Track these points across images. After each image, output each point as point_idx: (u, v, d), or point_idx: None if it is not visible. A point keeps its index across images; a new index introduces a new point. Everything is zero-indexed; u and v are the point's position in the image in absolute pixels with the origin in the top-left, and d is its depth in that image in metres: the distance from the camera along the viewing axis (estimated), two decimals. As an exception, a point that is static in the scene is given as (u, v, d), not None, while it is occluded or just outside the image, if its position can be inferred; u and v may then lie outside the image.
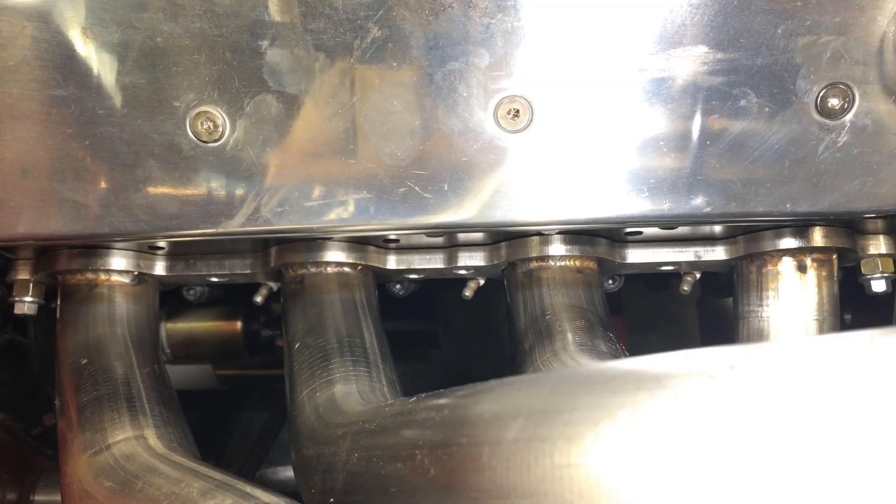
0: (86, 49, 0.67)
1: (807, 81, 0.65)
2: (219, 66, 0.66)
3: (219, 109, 0.67)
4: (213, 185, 0.69)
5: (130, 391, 0.73)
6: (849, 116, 0.65)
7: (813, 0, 0.63)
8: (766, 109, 0.66)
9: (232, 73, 0.66)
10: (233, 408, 1.68)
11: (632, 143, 0.67)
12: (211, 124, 0.67)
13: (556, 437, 0.35)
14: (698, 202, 0.68)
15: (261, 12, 0.64)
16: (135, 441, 0.67)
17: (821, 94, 0.65)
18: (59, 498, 1.18)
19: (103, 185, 0.69)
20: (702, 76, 0.65)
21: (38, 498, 1.19)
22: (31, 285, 0.90)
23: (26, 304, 0.91)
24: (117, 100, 0.67)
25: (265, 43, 0.65)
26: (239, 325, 1.31)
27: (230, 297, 1.28)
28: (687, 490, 0.31)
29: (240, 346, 1.31)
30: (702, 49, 0.64)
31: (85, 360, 0.77)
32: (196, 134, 0.67)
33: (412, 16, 0.64)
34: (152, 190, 0.69)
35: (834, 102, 0.65)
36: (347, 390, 0.69)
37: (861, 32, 0.64)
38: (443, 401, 0.47)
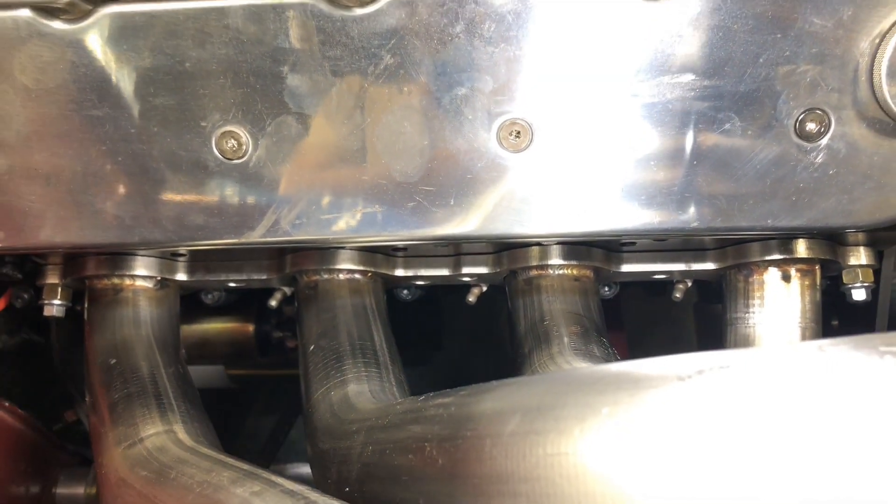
0: (120, 73, 0.72)
1: (786, 106, 0.70)
2: (243, 90, 0.71)
3: (242, 129, 0.72)
4: (237, 199, 0.74)
5: (158, 389, 0.79)
6: (825, 139, 0.71)
7: (792, 32, 0.68)
8: (749, 132, 0.71)
9: (255, 96, 0.71)
10: (240, 407, 1.73)
11: (625, 162, 0.72)
12: (235, 143, 0.72)
13: (548, 430, 0.40)
14: (687, 217, 0.73)
15: (282, 40, 0.70)
16: (165, 435, 0.72)
17: (799, 118, 0.70)
18: (79, 491, 1.24)
19: (135, 197, 0.75)
20: (689, 101, 0.70)
21: (59, 491, 1.24)
22: (60, 289, 0.96)
23: (55, 307, 0.97)
24: (148, 119, 0.73)
25: (286, 68, 0.71)
26: (251, 327, 1.36)
27: (242, 300, 1.34)
28: (657, 472, 0.36)
29: (252, 347, 1.36)
30: (689, 76, 0.70)
31: (114, 360, 0.82)
32: (221, 152, 0.73)
33: (422, 45, 0.70)
34: (180, 202, 0.75)
35: (812, 126, 0.70)
36: (360, 389, 0.74)
37: (836, 62, 0.69)
38: (449, 399, 0.52)
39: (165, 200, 0.75)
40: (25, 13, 0.72)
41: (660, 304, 1.55)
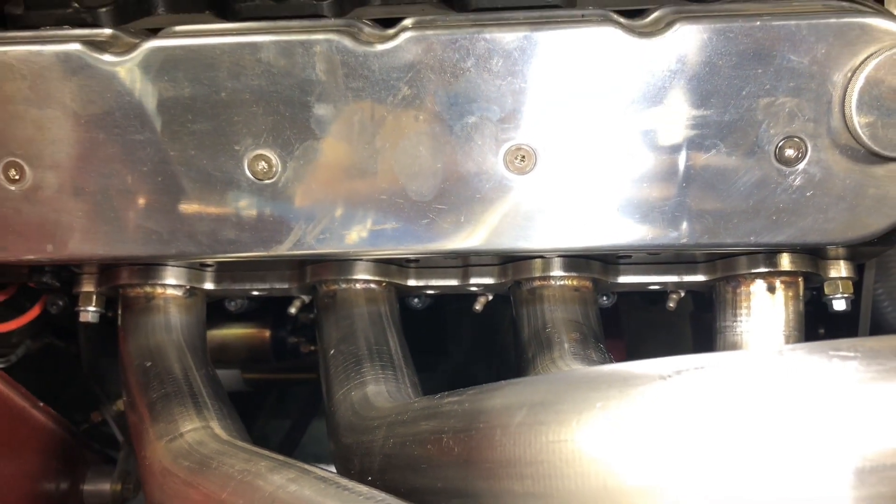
0: (160, 101, 0.79)
1: (767, 134, 0.77)
2: (273, 117, 0.78)
3: (272, 153, 0.79)
4: (266, 216, 0.81)
5: (192, 389, 0.86)
6: (802, 164, 0.78)
7: (771, 68, 0.75)
8: (733, 157, 0.78)
9: (284, 123, 0.79)
10: (253, 409, 1.80)
11: (620, 183, 0.79)
12: (265, 165, 0.80)
13: (550, 421, 0.47)
14: (677, 233, 0.80)
15: (310, 73, 0.77)
16: (203, 430, 0.79)
17: (779, 145, 0.77)
18: (105, 487, 1.31)
19: (172, 214, 0.82)
20: (679, 129, 0.77)
21: (86, 487, 1.31)
22: (95, 296, 1.03)
23: (90, 314, 1.04)
24: (186, 143, 0.80)
25: (313, 98, 0.78)
26: (268, 333, 1.43)
27: (259, 308, 1.41)
28: (641, 455, 0.43)
29: (268, 351, 1.43)
30: (679, 107, 0.77)
31: (149, 363, 0.89)
32: (253, 173, 0.80)
33: (436, 77, 0.77)
34: (214, 218, 0.82)
35: (790, 152, 0.77)
36: (378, 390, 0.81)
37: (812, 95, 0.76)
38: (462, 397, 0.59)
39: (201, 217, 0.82)
40: (76, 47, 0.79)
41: (657, 313, 1.62)
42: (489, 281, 0.99)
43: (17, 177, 0.82)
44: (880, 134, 0.75)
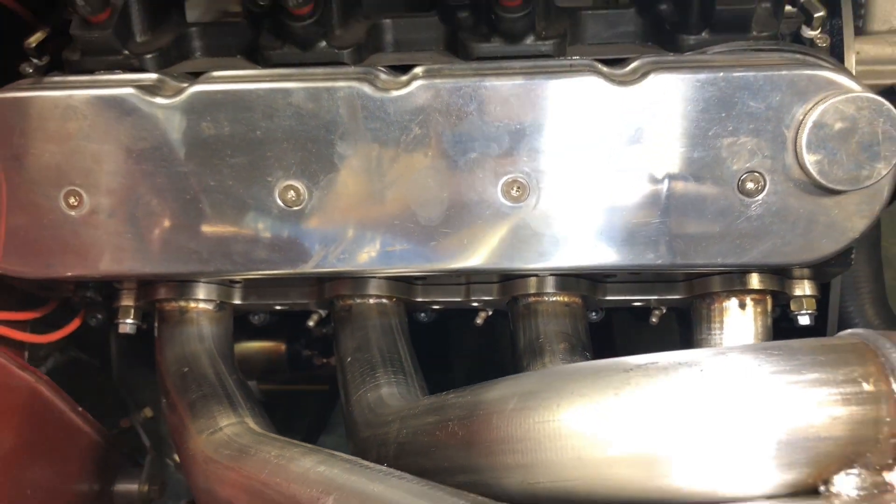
0: (203, 138, 0.91)
1: (730, 170, 0.88)
2: (301, 153, 0.90)
3: (300, 183, 0.91)
4: (294, 238, 0.93)
5: (226, 391, 0.97)
6: (762, 196, 0.89)
7: (734, 112, 0.87)
8: (702, 190, 0.89)
9: (311, 158, 0.90)
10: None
11: (604, 212, 0.91)
12: (294, 194, 0.91)
13: (537, 406, 0.59)
14: (653, 255, 0.92)
15: (334, 115, 0.89)
16: (239, 425, 0.90)
17: (741, 179, 0.89)
18: (134, 487, 1.41)
19: (211, 236, 0.93)
20: (654, 165, 0.89)
21: (116, 489, 1.41)
22: (133, 310, 1.14)
23: (128, 326, 1.15)
24: (225, 175, 0.92)
25: (336, 136, 0.90)
26: (284, 346, 1.54)
27: (275, 323, 1.52)
28: (607, 429, 0.54)
29: (283, 363, 1.54)
30: (654, 146, 0.88)
31: (186, 369, 1.01)
32: (283, 201, 0.92)
33: (443, 119, 0.89)
34: (248, 240, 0.93)
35: (751, 185, 0.89)
36: (391, 392, 0.92)
37: (769, 136, 0.87)
38: (464, 391, 0.70)
39: (236, 238, 0.93)
40: (130, 91, 0.91)
41: (647, 327, 1.72)
42: (489, 297, 1.10)
43: (76, 203, 0.94)
44: (827, 170, 0.86)
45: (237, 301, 1.13)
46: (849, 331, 0.60)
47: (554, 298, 1.06)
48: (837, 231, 0.89)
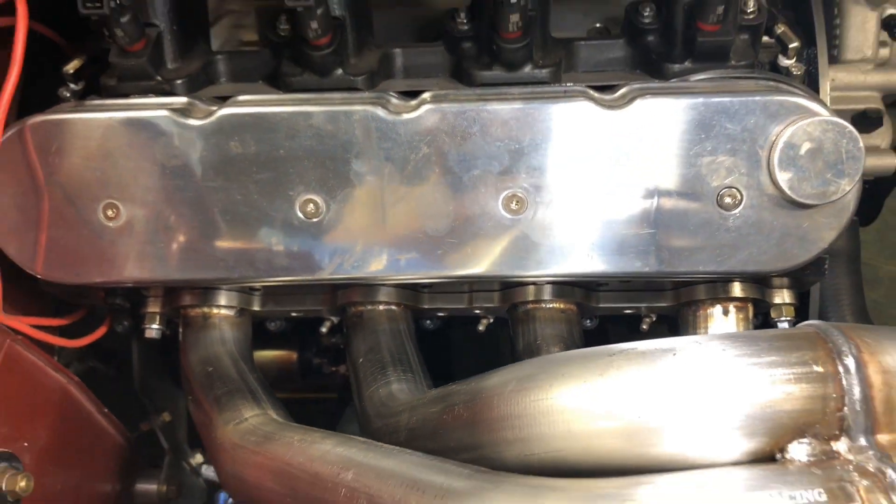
0: (230, 156, 1.00)
1: (710, 186, 0.97)
2: (320, 170, 0.99)
3: (319, 197, 1.00)
4: (312, 248, 1.01)
5: (249, 387, 1.05)
6: (739, 210, 0.98)
7: (713, 133, 0.96)
8: (684, 204, 0.98)
9: (329, 174, 0.99)
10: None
11: (596, 224, 0.99)
12: (313, 207, 1.00)
13: (532, 387, 0.67)
14: (640, 264, 1.00)
15: (350, 136, 0.98)
16: (263, 416, 0.98)
17: (719, 194, 0.97)
18: (153, 487, 1.49)
19: (237, 245, 1.02)
20: (641, 181, 0.98)
21: (136, 488, 1.49)
22: (158, 316, 1.23)
23: (154, 331, 1.23)
24: (250, 189, 1.01)
25: (352, 155, 0.99)
26: (295, 355, 1.62)
27: (286, 333, 1.60)
28: (591, 403, 0.62)
29: (295, 371, 1.62)
30: (640, 164, 0.97)
31: (211, 368, 1.09)
32: (303, 213, 1.01)
33: (449, 139, 0.98)
34: (270, 249, 1.02)
35: (729, 200, 0.98)
36: (401, 388, 1.00)
37: (745, 155, 0.96)
38: (468, 380, 0.79)
39: (260, 248, 1.02)
40: (165, 114, 1.01)
41: (640, 335, 1.80)
42: (490, 304, 1.18)
43: (113, 215, 1.02)
44: (797, 186, 0.95)
45: (256, 308, 1.21)
46: (805, 322, 0.68)
47: (551, 305, 1.14)
48: (808, 242, 0.98)
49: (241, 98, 1.03)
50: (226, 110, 1.00)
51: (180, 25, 1.08)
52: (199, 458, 1.70)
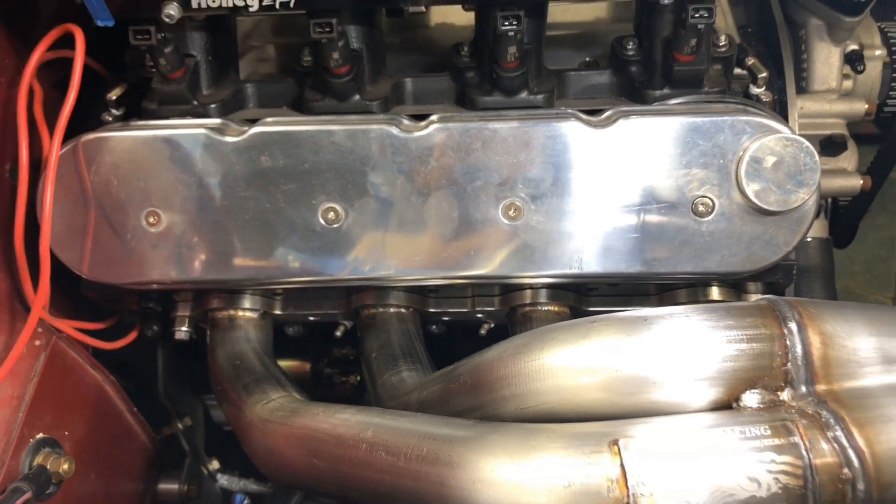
0: (261, 169, 1.13)
1: (685, 196, 1.10)
2: (341, 181, 1.12)
3: (339, 205, 1.13)
4: (333, 251, 1.14)
5: (273, 376, 1.16)
6: (712, 216, 1.10)
7: (687, 149, 1.09)
8: (663, 212, 1.11)
9: (348, 185, 1.12)
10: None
11: (585, 230, 1.12)
12: (334, 214, 1.13)
13: (526, 351, 0.79)
14: (625, 266, 1.12)
15: (367, 151, 1.11)
16: (288, 397, 1.09)
17: (694, 202, 1.10)
18: (174, 487, 1.58)
19: (265, 248, 1.14)
20: (625, 191, 1.10)
21: (160, 487, 1.59)
22: (188, 319, 1.34)
23: (183, 333, 1.35)
24: (278, 199, 1.13)
25: (369, 168, 1.11)
26: (308, 366, 1.73)
27: (300, 346, 1.71)
28: (577, 362, 0.74)
29: (308, 381, 1.73)
30: (624, 175, 1.10)
31: (238, 362, 1.20)
32: (325, 220, 1.13)
33: (454, 154, 1.11)
34: (295, 252, 1.14)
35: (702, 209, 1.10)
36: (411, 375, 1.11)
37: (716, 168, 1.09)
38: (472, 356, 0.90)
39: (287, 251, 1.14)
40: (203, 131, 1.14)
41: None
42: (491, 308, 1.30)
43: (154, 222, 1.15)
44: (763, 195, 1.07)
45: (278, 311, 1.33)
46: (759, 296, 0.80)
47: (546, 308, 1.26)
48: (774, 245, 1.10)
49: (270, 119, 1.17)
50: (257, 129, 1.13)
51: (214, 56, 1.22)
52: (215, 464, 1.80)
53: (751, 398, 0.71)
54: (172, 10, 1.07)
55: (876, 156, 1.60)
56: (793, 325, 0.72)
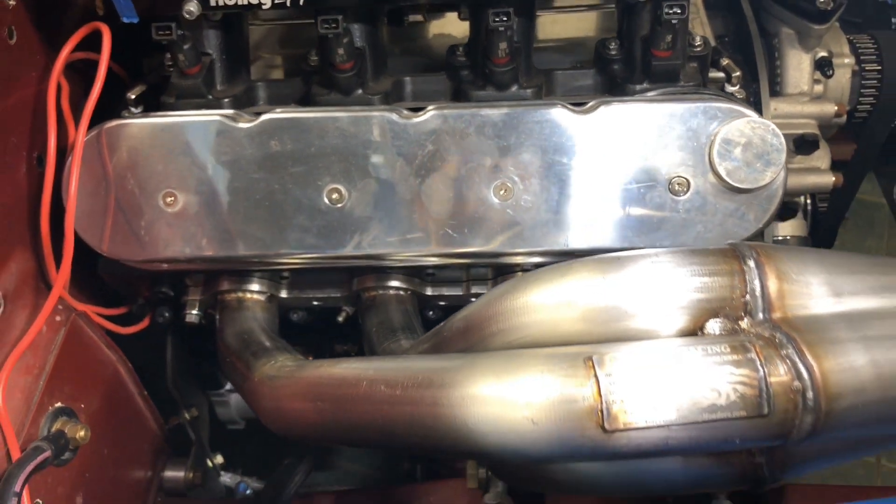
0: (271, 152, 1.22)
1: (663, 175, 1.19)
2: (344, 163, 1.21)
3: (343, 186, 1.21)
4: (336, 229, 1.22)
5: (280, 346, 1.24)
6: (687, 195, 1.19)
7: (664, 132, 1.18)
8: (643, 191, 1.19)
9: (351, 167, 1.21)
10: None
11: (571, 207, 1.20)
12: (338, 195, 1.21)
13: (512, 291, 0.87)
14: (607, 241, 1.21)
15: (369, 135, 1.20)
16: (294, 359, 1.17)
17: (670, 182, 1.19)
18: (181, 474, 1.64)
19: (274, 227, 1.23)
20: (608, 171, 1.19)
21: (166, 474, 1.64)
22: (198, 303, 1.42)
23: (194, 316, 1.42)
24: (286, 180, 1.22)
25: (370, 151, 1.21)
26: (311, 357, 1.80)
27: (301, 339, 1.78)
28: (555, 298, 0.82)
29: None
30: (606, 157, 1.19)
31: (245, 336, 1.28)
32: (329, 201, 1.22)
33: (450, 138, 1.20)
34: (301, 230, 1.23)
35: (678, 187, 1.19)
36: (409, 343, 1.19)
37: (691, 149, 1.18)
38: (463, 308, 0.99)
39: (293, 229, 1.23)
40: (217, 118, 1.23)
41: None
42: (486, 290, 1.38)
43: (171, 202, 1.24)
44: (734, 174, 1.16)
45: (284, 294, 1.41)
46: (726, 241, 0.88)
47: (536, 288, 1.34)
48: (746, 221, 1.19)
49: (278, 109, 1.26)
50: (268, 116, 1.23)
51: (228, 55, 1.32)
52: (220, 458, 1.86)
53: (714, 325, 0.79)
54: (192, 7, 1.17)
55: (850, 160, 1.70)
56: (751, 263, 0.81)
